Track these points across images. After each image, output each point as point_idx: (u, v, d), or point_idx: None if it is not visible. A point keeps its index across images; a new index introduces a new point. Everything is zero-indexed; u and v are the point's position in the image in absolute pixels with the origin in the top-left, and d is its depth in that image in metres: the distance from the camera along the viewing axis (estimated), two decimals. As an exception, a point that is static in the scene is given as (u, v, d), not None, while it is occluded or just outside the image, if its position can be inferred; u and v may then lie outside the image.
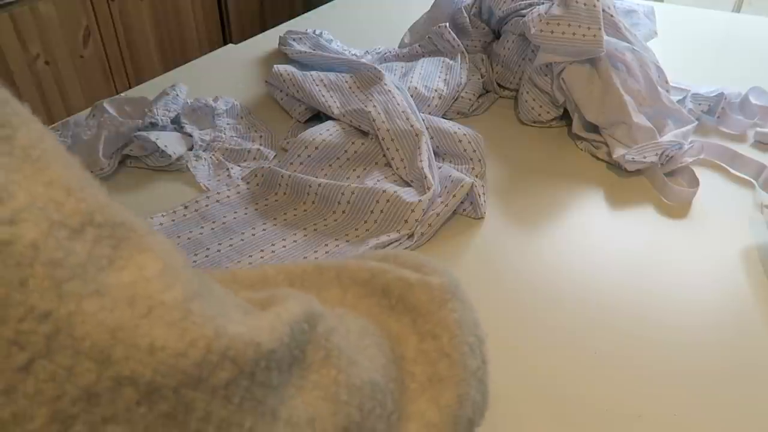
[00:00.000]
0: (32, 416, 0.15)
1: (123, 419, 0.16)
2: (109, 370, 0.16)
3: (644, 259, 0.60)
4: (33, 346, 0.15)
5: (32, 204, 0.16)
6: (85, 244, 0.17)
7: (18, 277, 0.15)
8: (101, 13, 1.55)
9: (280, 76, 0.83)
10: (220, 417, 0.18)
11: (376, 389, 0.22)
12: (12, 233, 0.15)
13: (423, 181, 0.64)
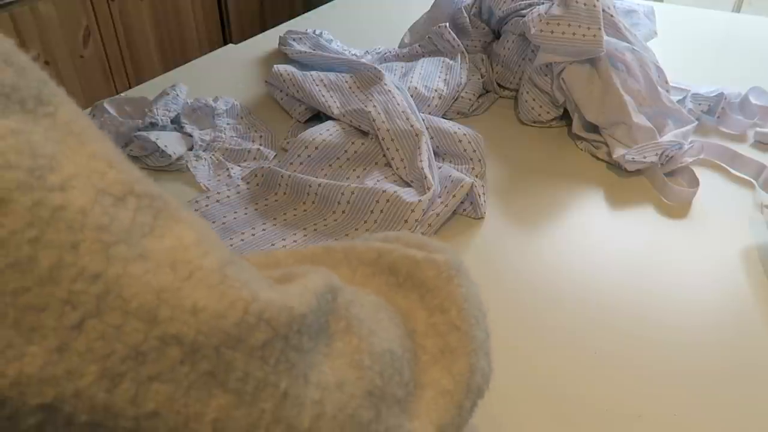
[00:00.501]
0: (83, 373, 0.16)
1: (168, 378, 0.17)
2: (155, 330, 0.17)
3: (644, 259, 0.60)
4: (84, 305, 0.16)
5: (79, 173, 0.17)
6: (128, 211, 0.18)
7: (70, 241, 0.16)
8: (101, 13, 1.55)
9: (280, 76, 0.83)
10: (257, 377, 0.19)
11: (394, 358, 0.23)
12: (63, 199, 0.16)
13: (423, 181, 0.64)
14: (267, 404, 0.19)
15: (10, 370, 0.15)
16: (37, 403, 0.16)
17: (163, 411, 0.17)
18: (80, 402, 0.16)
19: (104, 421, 0.17)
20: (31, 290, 0.16)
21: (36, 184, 0.16)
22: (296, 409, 0.19)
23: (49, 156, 0.17)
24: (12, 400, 0.16)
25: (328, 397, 0.20)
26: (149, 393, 0.17)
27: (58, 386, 0.16)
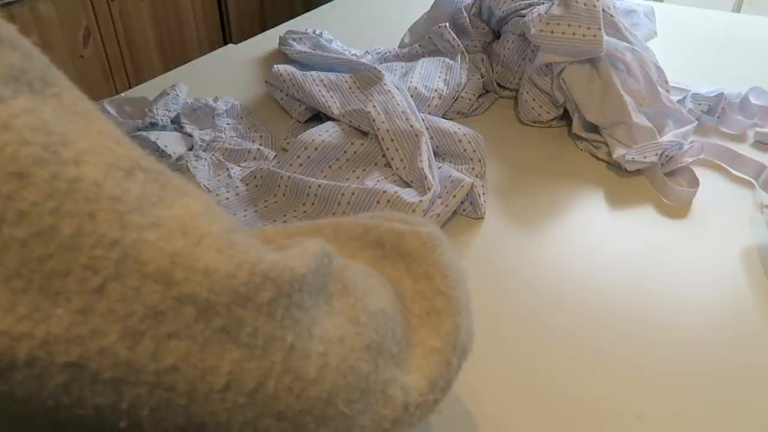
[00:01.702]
0: (106, 333, 0.17)
1: (184, 335, 0.18)
2: (171, 291, 0.18)
3: (644, 259, 0.60)
4: (105, 270, 0.17)
5: (89, 149, 0.18)
6: (137, 183, 0.19)
7: (87, 210, 0.17)
8: (101, 13, 1.55)
9: (280, 76, 0.83)
10: (266, 332, 0.20)
11: (387, 317, 0.25)
12: (78, 172, 0.18)
13: (423, 181, 0.64)
14: (276, 356, 0.20)
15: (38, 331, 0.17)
16: (64, 361, 0.17)
17: (181, 365, 0.19)
18: (104, 359, 0.18)
19: (127, 377, 0.18)
20: (54, 257, 0.17)
21: (51, 159, 0.17)
22: (303, 361, 0.21)
23: (61, 133, 0.18)
24: (41, 359, 0.17)
25: (330, 350, 0.22)
26: (168, 349, 0.18)
27: (83, 345, 0.17)
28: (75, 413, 0.18)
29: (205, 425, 0.19)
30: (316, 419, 0.21)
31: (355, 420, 0.22)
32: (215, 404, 0.19)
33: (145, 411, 0.19)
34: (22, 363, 0.17)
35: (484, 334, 0.51)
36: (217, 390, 0.19)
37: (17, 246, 0.16)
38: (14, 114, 0.17)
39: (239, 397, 0.20)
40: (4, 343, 0.16)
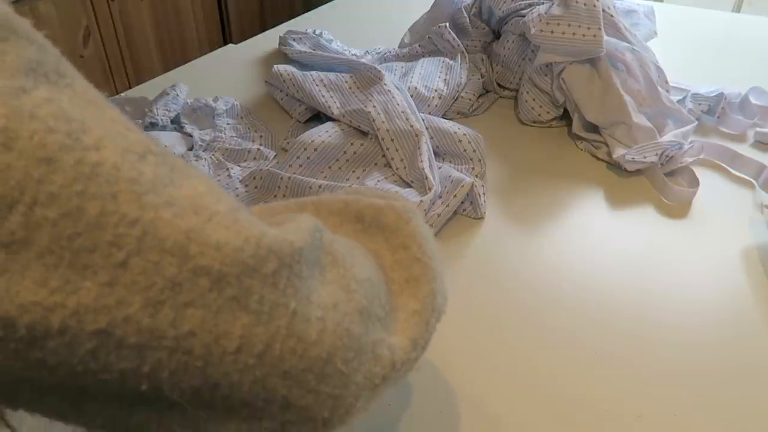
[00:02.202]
0: (130, 303, 0.19)
1: (200, 303, 0.20)
2: (187, 264, 0.20)
3: (644, 259, 0.60)
4: (128, 246, 0.19)
5: (106, 135, 0.20)
6: (150, 166, 0.21)
7: (109, 192, 0.19)
8: (101, 13, 1.55)
9: (280, 76, 0.83)
10: (271, 300, 0.22)
11: (372, 284, 0.28)
12: (99, 157, 0.19)
13: (424, 181, 0.64)
14: (281, 321, 0.22)
15: (69, 302, 0.18)
16: (93, 329, 0.19)
17: (197, 331, 0.20)
18: (129, 326, 0.19)
19: (149, 342, 0.20)
20: (82, 235, 0.19)
21: (75, 145, 0.19)
22: (304, 325, 0.23)
23: (80, 120, 0.19)
24: (72, 328, 0.18)
25: (327, 315, 0.24)
26: (185, 317, 0.20)
27: (110, 314, 0.19)
28: (100, 378, 0.20)
29: (218, 385, 0.21)
30: (317, 377, 0.23)
31: (351, 377, 0.24)
32: (228, 366, 0.21)
33: (165, 373, 0.20)
34: (55, 331, 0.18)
35: (484, 334, 0.52)
36: (230, 353, 0.21)
37: (49, 226, 0.18)
38: (38, 104, 0.18)
39: (249, 358, 0.21)
40: (38, 313, 0.18)
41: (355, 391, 0.24)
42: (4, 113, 0.18)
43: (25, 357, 0.18)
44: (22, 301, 0.18)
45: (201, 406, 0.22)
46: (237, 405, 0.22)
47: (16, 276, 0.18)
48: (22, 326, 0.18)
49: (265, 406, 0.23)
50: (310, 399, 0.23)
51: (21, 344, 0.18)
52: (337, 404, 0.24)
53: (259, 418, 0.23)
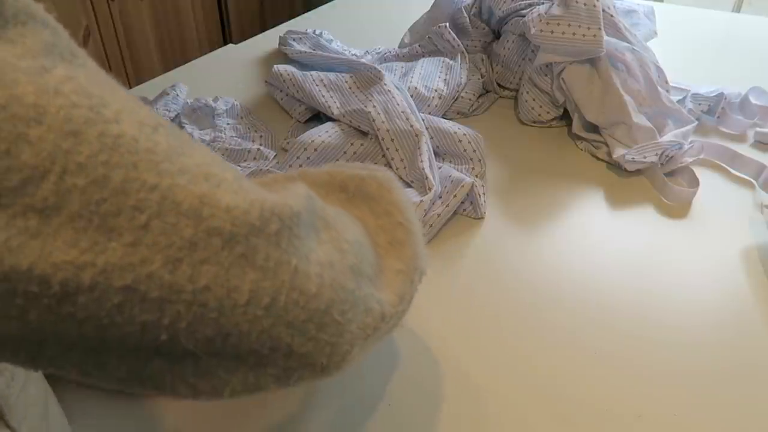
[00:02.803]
0: (152, 260, 0.21)
1: (214, 261, 0.22)
2: (202, 225, 0.22)
3: (644, 259, 0.60)
4: (149, 209, 0.21)
5: (122, 109, 0.22)
6: (162, 137, 0.22)
7: (131, 161, 0.21)
8: (101, 13, 1.55)
9: (280, 76, 0.83)
10: (275, 257, 0.24)
11: (361, 245, 0.30)
12: (119, 129, 0.21)
13: (424, 181, 0.64)
14: (285, 276, 0.24)
15: (98, 260, 0.20)
16: (119, 285, 0.21)
17: (212, 286, 0.22)
18: (152, 282, 0.21)
19: (169, 296, 0.22)
20: (107, 200, 0.20)
21: (97, 119, 0.20)
22: (305, 279, 0.25)
23: (98, 96, 0.21)
24: (101, 284, 0.20)
25: (324, 271, 0.26)
26: (201, 273, 0.22)
27: (134, 271, 0.21)
28: (124, 330, 0.21)
29: (229, 335, 0.23)
30: (317, 326, 0.25)
31: (346, 327, 0.27)
32: (239, 317, 0.23)
33: (183, 324, 0.22)
34: (86, 287, 0.20)
35: (484, 334, 0.52)
36: (240, 305, 0.23)
37: (78, 192, 0.20)
38: (61, 81, 0.20)
39: (258, 310, 0.24)
40: (70, 271, 0.20)
41: (349, 340, 0.27)
42: (33, 90, 0.19)
43: (57, 312, 0.20)
44: (56, 261, 0.19)
45: (213, 355, 0.24)
46: (245, 353, 0.24)
47: (50, 238, 0.19)
48: (56, 283, 0.19)
49: (270, 354, 0.25)
50: (310, 347, 0.25)
51: (54, 300, 0.20)
52: (334, 351, 0.26)
53: (265, 365, 0.25)
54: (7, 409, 0.29)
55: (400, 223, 0.34)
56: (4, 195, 0.19)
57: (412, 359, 0.49)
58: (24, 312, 0.20)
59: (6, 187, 0.19)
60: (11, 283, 0.19)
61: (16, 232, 0.19)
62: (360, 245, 0.30)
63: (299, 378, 0.27)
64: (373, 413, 0.45)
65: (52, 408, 0.37)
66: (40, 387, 0.35)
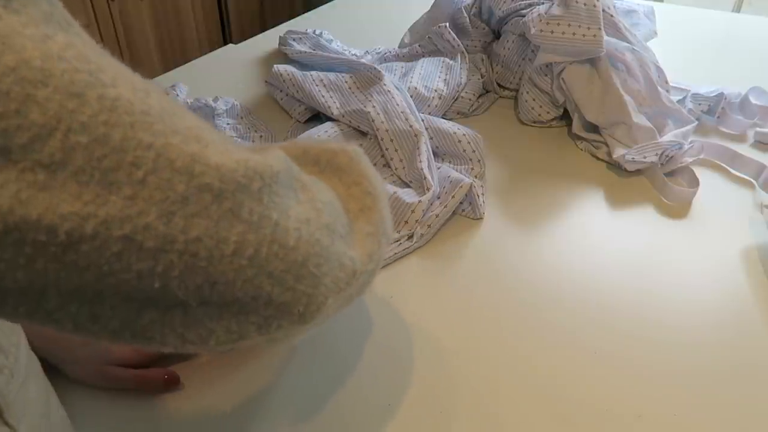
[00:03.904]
0: (148, 213, 0.23)
1: (204, 214, 0.24)
2: (193, 181, 0.24)
3: (644, 259, 0.60)
4: (145, 166, 0.23)
5: (118, 74, 0.23)
6: (155, 101, 0.24)
7: (128, 122, 0.22)
8: (101, 13, 1.55)
9: (280, 76, 0.83)
10: (259, 212, 0.26)
11: (334, 207, 0.32)
12: (116, 92, 0.22)
13: (422, 181, 0.64)
14: (267, 230, 0.26)
15: (100, 212, 0.22)
16: (119, 234, 0.22)
17: (202, 237, 0.24)
18: (148, 232, 0.23)
19: (163, 246, 0.23)
20: (108, 157, 0.22)
21: (96, 82, 0.22)
22: (284, 233, 0.27)
23: (96, 62, 0.22)
24: (102, 233, 0.22)
25: (302, 227, 0.28)
26: (192, 225, 0.24)
27: (132, 222, 0.22)
28: (121, 278, 0.23)
29: (216, 283, 0.25)
30: (294, 277, 0.28)
31: (321, 279, 0.29)
32: (225, 266, 0.25)
33: (175, 272, 0.24)
34: (88, 236, 0.22)
35: (483, 334, 0.52)
36: (227, 255, 0.25)
37: (81, 149, 0.21)
38: (62, 47, 0.21)
39: (242, 260, 0.26)
40: (75, 222, 0.21)
41: (324, 292, 0.29)
42: (39, 55, 0.21)
43: (62, 259, 0.22)
44: (62, 212, 0.21)
45: (200, 304, 0.26)
46: (230, 301, 0.26)
47: (56, 191, 0.21)
48: (62, 232, 0.21)
49: (252, 302, 0.27)
50: (288, 296, 0.28)
51: (59, 248, 0.21)
52: (310, 301, 0.29)
53: (247, 312, 0.27)
54: (5, 407, 0.29)
55: (368, 192, 0.37)
56: (15, 151, 0.20)
57: (411, 359, 0.49)
58: (31, 260, 0.21)
59: (17, 144, 0.20)
60: (21, 232, 0.20)
61: (25, 186, 0.20)
62: (333, 207, 0.32)
63: (278, 326, 0.29)
64: (373, 413, 0.45)
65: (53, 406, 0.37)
66: (41, 385, 0.35)
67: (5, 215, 0.20)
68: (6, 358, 0.29)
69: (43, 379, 0.36)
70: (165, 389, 0.46)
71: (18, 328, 0.32)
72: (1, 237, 0.20)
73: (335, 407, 0.46)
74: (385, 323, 0.52)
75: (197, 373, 0.47)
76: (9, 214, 0.20)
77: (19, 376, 0.30)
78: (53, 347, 0.44)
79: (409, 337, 0.51)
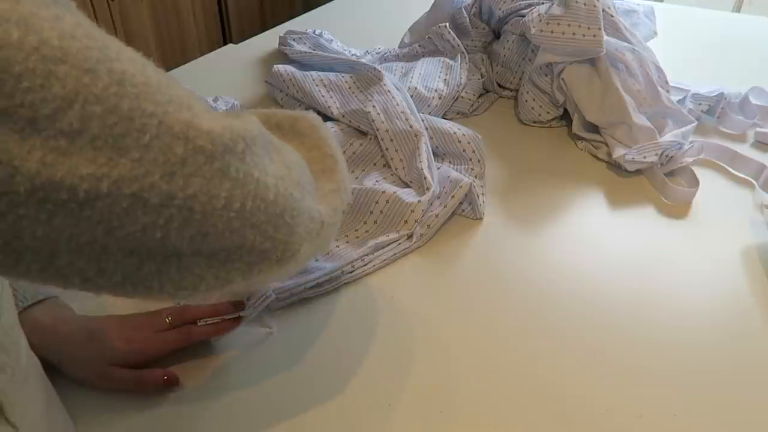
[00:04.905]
0: (153, 173, 0.26)
1: (199, 174, 0.27)
2: (189, 145, 0.27)
3: (644, 258, 0.60)
4: (149, 131, 0.25)
5: (120, 50, 0.26)
6: (151, 72, 0.26)
7: (134, 93, 0.25)
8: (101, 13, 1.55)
9: (280, 76, 0.83)
10: (243, 170, 0.29)
11: (301, 167, 0.36)
12: (122, 66, 0.25)
13: (422, 181, 0.64)
14: (251, 186, 0.30)
15: (113, 173, 0.24)
16: (128, 192, 0.25)
17: (197, 194, 0.27)
18: (153, 190, 0.26)
19: (165, 202, 0.26)
20: (118, 124, 0.24)
21: (105, 58, 0.24)
22: (264, 189, 0.30)
23: (101, 39, 0.25)
24: (114, 191, 0.25)
25: (278, 183, 0.31)
26: (190, 183, 0.27)
27: (140, 181, 0.25)
28: (128, 230, 0.26)
29: (207, 234, 0.29)
30: (274, 227, 0.31)
31: (295, 229, 0.33)
32: (216, 219, 0.28)
33: (174, 224, 0.27)
34: (104, 194, 0.24)
35: (484, 334, 0.52)
36: (218, 209, 0.28)
37: (97, 118, 0.24)
38: (73, 26, 0.24)
39: (230, 213, 0.29)
40: (92, 182, 0.24)
41: (298, 240, 0.33)
42: (57, 35, 0.23)
43: (78, 215, 0.24)
44: (81, 173, 0.24)
45: (193, 253, 0.29)
46: (218, 249, 0.30)
47: (75, 156, 0.24)
48: (81, 191, 0.24)
49: (237, 250, 0.30)
50: (268, 244, 0.31)
51: (77, 205, 0.24)
52: (287, 248, 0.32)
53: (233, 260, 0.31)
54: (7, 405, 0.29)
55: (329, 154, 0.41)
56: (41, 121, 0.22)
57: (411, 359, 0.49)
58: (52, 215, 0.24)
59: (42, 115, 0.22)
60: (45, 191, 0.23)
61: (49, 151, 0.23)
62: (300, 166, 0.36)
63: (259, 271, 0.32)
64: (373, 413, 0.45)
65: (54, 405, 0.37)
66: (41, 385, 0.35)
67: (33, 177, 0.23)
68: (8, 356, 0.29)
69: (44, 378, 0.36)
70: (164, 389, 0.46)
71: (18, 328, 0.32)
72: (27, 196, 0.23)
73: (335, 407, 0.46)
74: (385, 323, 0.52)
75: (196, 373, 0.47)
76: (36, 176, 0.23)
77: (20, 375, 0.30)
78: (53, 347, 0.44)
79: (409, 337, 0.51)
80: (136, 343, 0.46)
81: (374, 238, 0.60)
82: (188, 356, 0.48)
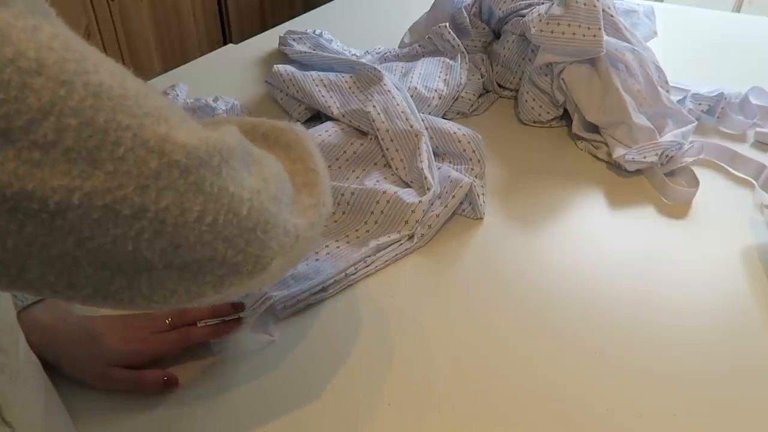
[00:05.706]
0: (126, 185, 0.26)
1: (172, 187, 0.27)
2: (163, 159, 0.27)
3: (644, 258, 0.60)
4: (124, 145, 0.25)
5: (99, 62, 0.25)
6: (130, 84, 0.26)
7: (110, 105, 0.25)
8: (101, 13, 1.55)
9: (280, 76, 0.83)
10: (218, 184, 0.29)
11: (281, 179, 0.36)
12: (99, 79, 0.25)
13: (423, 181, 0.64)
14: (225, 200, 0.29)
15: (85, 185, 0.24)
16: (100, 204, 0.25)
17: (170, 207, 0.27)
18: (125, 203, 0.26)
19: (137, 214, 0.26)
20: (93, 137, 0.24)
21: (82, 70, 0.24)
22: (239, 203, 0.30)
23: (79, 50, 0.25)
24: (86, 203, 0.25)
25: (254, 197, 0.31)
26: (163, 196, 0.27)
27: (112, 194, 0.25)
28: (99, 241, 0.26)
29: (179, 246, 0.29)
30: (246, 241, 0.31)
31: (267, 243, 0.33)
32: (188, 231, 0.28)
33: (146, 236, 0.27)
34: (75, 206, 0.24)
35: (484, 334, 0.52)
36: (190, 222, 0.28)
37: (71, 131, 0.24)
38: (50, 38, 0.23)
39: (203, 226, 0.29)
40: (63, 193, 0.24)
41: (270, 254, 0.33)
42: (33, 47, 0.23)
43: (49, 225, 0.24)
44: (53, 185, 0.24)
45: (165, 266, 0.29)
46: (190, 262, 0.30)
47: (48, 167, 0.23)
48: (52, 202, 0.24)
49: (209, 263, 0.31)
50: (240, 258, 0.32)
51: (48, 215, 0.24)
52: (258, 262, 0.33)
53: (204, 273, 0.31)
54: (5, 405, 0.29)
55: (311, 168, 0.41)
56: (14, 132, 0.22)
57: (411, 359, 0.49)
58: (22, 225, 0.24)
59: (16, 126, 0.22)
60: (16, 201, 0.23)
61: (22, 163, 0.23)
62: (280, 180, 0.36)
63: (230, 284, 0.32)
64: (373, 413, 0.45)
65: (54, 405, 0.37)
66: (41, 385, 0.35)
67: (4, 188, 0.23)
68: (6, 357, 0.29)
69: (44, 378, 0.36)
70: (164, 390, 0.46)
71: (17, 328, 0.32)
72: None
73: (335, 407, 0.45)
74: (385, 322, 0.52)
75: (196, 374, 0.47)
76: (7, 187, 0.23)
77: (18, 375, 0.30)
78: (52, 347, 0.44)
79: (409, 337, 0.51)
80: (135, 343, 0.46)
81: (375, 238, 0.59)
82: (188, 357, 0.48)
